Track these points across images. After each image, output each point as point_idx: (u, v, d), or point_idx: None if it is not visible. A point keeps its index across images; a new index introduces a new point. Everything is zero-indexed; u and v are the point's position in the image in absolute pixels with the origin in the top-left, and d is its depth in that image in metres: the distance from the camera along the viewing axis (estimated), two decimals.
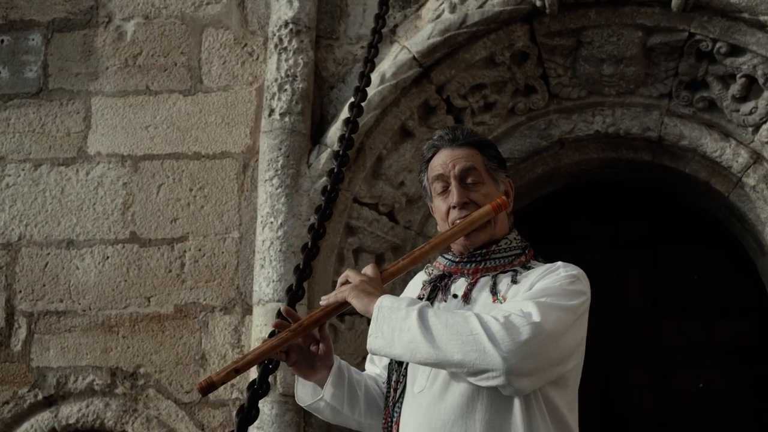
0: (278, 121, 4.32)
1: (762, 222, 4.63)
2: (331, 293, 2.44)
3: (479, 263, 2.51)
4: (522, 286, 2.41)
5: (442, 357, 2.19)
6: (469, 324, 2.19)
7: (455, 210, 2.53)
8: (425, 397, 2.35)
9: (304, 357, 2.52)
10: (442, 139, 2.65)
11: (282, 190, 4.24)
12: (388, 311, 2.28)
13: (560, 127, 4.78)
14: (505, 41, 4.48)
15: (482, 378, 2.18)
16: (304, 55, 4.42)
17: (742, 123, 4.56)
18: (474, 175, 2.56)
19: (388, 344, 2.26)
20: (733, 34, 4.36)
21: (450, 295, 2.50)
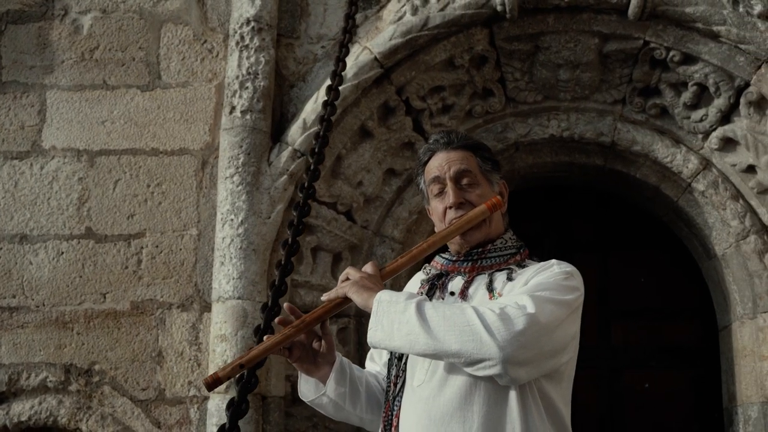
0: (239, 118, 4.38)
1: (709, 226, 4.82)
2: (332, 290, 2.52)
3: (475, 262, 2.62)
4: (517, 283, 2.51)
5: (440, 347, 2.28)
6: (465, 315, 2.28)
7: (452, 210, 2.63)
8: (424, 390, 2.44)
9: (307, 353, 2.60)
10: (438, 143, 2.75)
11: (243, 187, 4.30)
12: (387, 305, 2.36)
13: (516, 131, 4.91)
14: (465, 44, 4.60)
15: (479, 367, 2.27)
16: (266, 53, 4.48)
17: (693, 130, 4.74)
18: (469, 176, 2.66)
19: (388, 337, 2.34)
20: (686, 43, 4.52)
21: (447, 292, 2.60)
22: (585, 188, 5.54)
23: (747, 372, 4.61)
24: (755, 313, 4.61)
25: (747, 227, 4.68)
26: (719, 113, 4.64)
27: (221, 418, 4.07)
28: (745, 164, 4.66)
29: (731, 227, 4.72)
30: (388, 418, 2.52)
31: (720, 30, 4.41)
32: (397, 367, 2.57)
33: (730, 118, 4.66)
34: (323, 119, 2.97)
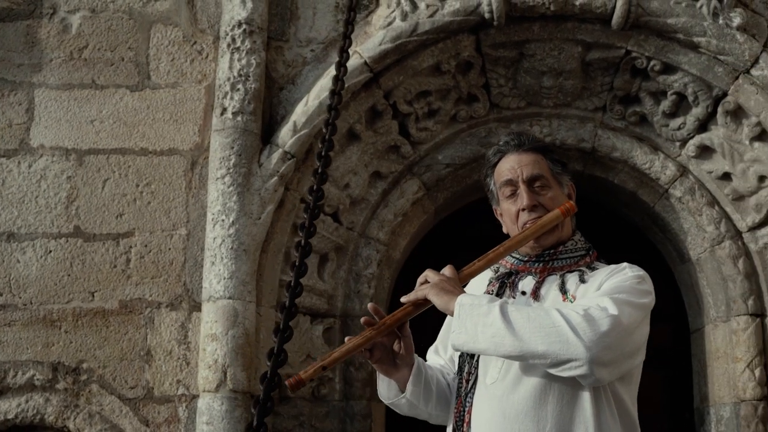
0: (231, 120, 4.43)
1: (685, 231, 4.96)
2: (411, 293, 2.58)
3: (547, 263, 2.70)
4: (591, 286, 2.59)
5: (526, 349, 2.34)
6: (550, 317, 2.36)
7: (525, 213, 2.70)
8: (498, 388, 2.51)
9: (387, 355, 2.65)
10: (508, 145, 2.82)
11: (234, 188, 4.35)
12: (470, 308, 2.42)
13: (499, 136, 4.96)
14: (452, 50, 4.69)
15: (565, 368, 2.34)
16: (257, 55, 4.54)
17: (671, 137, 4.88)
18: (541, 180, 2.73)
19: (472, 339, 2.40)
20: (667, 53, 4.66)
21: (518, 291, 2.67)
22: None
23: (720, 373, 4.76)
24: (729, 317, 4.76)
25: (722, 233, 4.83)
26: (697, 122, 4.78)
27: (212, 416, 4.14)
28: (721, 171, 4.81)
29: (707, 233, 4.86)
30: (460, 414, 2.58)
31: (700, 41, 4.54)
32: (469, 364, 2.61)
33: (707, 127, 4.81)
34: (327, 123, 3.04)
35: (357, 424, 4.63)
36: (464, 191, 5.22)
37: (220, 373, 4.15)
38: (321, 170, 2.81)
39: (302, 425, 4.47)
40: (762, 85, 4.53)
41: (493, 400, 2.50)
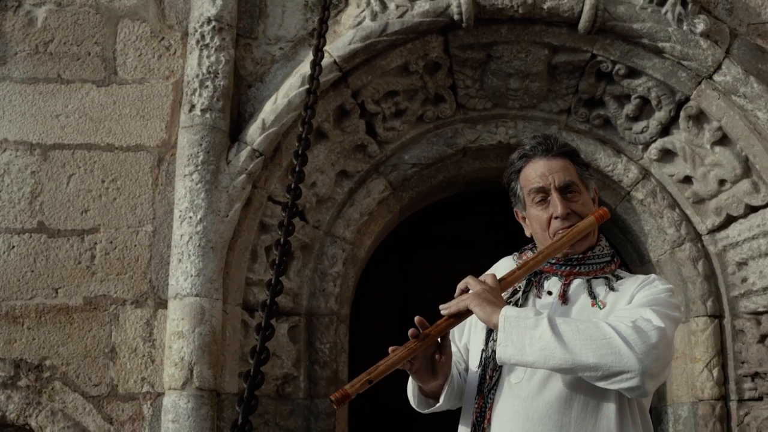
0: (199, 117, 4.42)
1: (645, 233, 5.05)
2: (452, 302, 2.56)
3: (574, 267, 2.71)
4: (621, 295, 2.62)
5: (577, 361, 2.36)
6: (600, 329, 2.38)
7: (557, 221, 2.70)
8: (523, 388, 2.53)
9: (426, 364, 2.62)
10: (536, 150, 2.80)
11: (202, 185, 4.34)
12: (515, 320, 2.42)
13: (465, 136, 5.06)
14: (421, 51, 4.72)
15: (616, 380, 2.36)
16: (226, 52, 4.53)
17: (634, 141, 4.96)
18: (573, 186, 2.73)
19: (520, 352, 2.40)
20: (632, 58, 4.73)
21: (544, 291, 2.69)
22: None
23: (678, 373, 4.84)
24: (688, 317, 4.84)
25: (682, 235, 4.92)
26: (659, 125, 4.87)
27: (177, 414, 4.13)
28: (683, 175, 4.90)
29: (667, 235, 4.95)
30: (482, 411, 2.59)
31: (665, 46, 4.62)
32: (493, 361, 2.60)
33: (670, 131, 4.89)
34: (304, 122, 3.04)
35: (321, 422, 4.65)
36: (429, 191, 5.26)
37: (187, 371, 4.14)
38: (298, 169, 2.83)
39: (267, 423, 4.48)
40: (724, 90, 4.62)
41: (517, 400, 2.52)
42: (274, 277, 2.40)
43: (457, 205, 5.75)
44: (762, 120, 4.55)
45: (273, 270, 2.44)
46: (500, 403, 2.56)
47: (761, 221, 4.69)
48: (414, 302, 5.74)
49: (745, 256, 4.76)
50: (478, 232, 5.88)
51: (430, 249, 5.85)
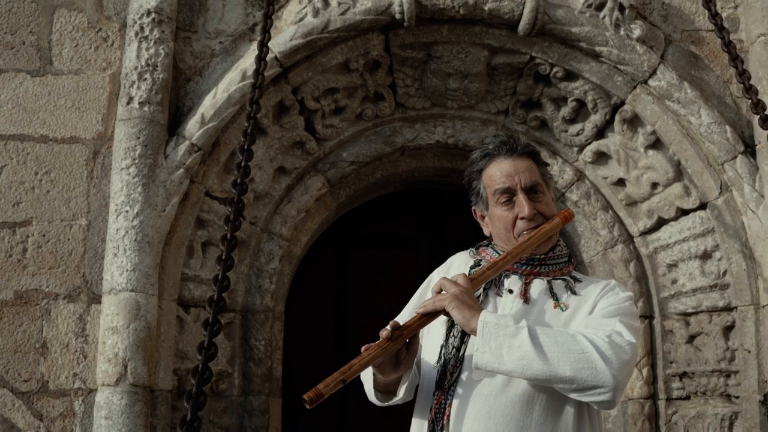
0: (137, 109, 4.37)
1: (579, 234, 5.13)
2: (428, 301, 2.54)
3: (535, 267, 2.72)
4: (584, 300, 2.65)
5: (554, 374, 2.38)
6: (578, 343, 2.40)
7: (523, 221, 2.70)
8: (485, 386, 2.52)
9: (390, 359, 2.57)
10: (500, 149, 2.78)
11: (139, 179, 4.29)
12: (495, 327, 2.43)
13: (404, 135, 5.09)
14: (361, 49, 4.74)
15: (589, 393, 2.38)
16: (165, 45, 4.49)
17: (569, 143, 5.03)
18: (538, 187, 2.74)
19: (497, 359, 2.41)
20: (569, 61, 4.80)
21: (504, 289, 2.69)
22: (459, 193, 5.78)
23: None
24: None
25: (615, 237, 5.01)
26: (595, 128, 4.95)
27: (110, 410, 4.09)
28: (616, 177, 5.00)
29: (600, 236, 5.04)
30: (441, 407, 2.57)
31: (602, 50, 4.70)
32: (454, 357, 2.60)
33: (605, 134, 4.98)
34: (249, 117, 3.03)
35: (255, 419, 4.64)
36: (366, 189, 5.29)
37: (121, 367, 4.10)
38: (244, 164, 2.82)
39: (200, 420, 4.44)
40: (658, 95, 4.71)
41: (479, 398, 2.52)
42: (221, 272, 2.40)
43: (392, 204, 5.78)
44: (694, 125, 4.65)
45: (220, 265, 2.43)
46: (461, 399, 2.55)
47: (692, 224, 4.80)
48: (348, 299, 5.77)
49: (675, 258, 4.87)
50: (413, 231, 5.93)
51: (364, 247, 5.88)
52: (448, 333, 2.66)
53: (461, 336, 2.62)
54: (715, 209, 4.70)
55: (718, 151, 4.64)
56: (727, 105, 4.80)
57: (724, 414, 4.61)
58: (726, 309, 4.67)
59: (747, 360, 4.54)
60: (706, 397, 4.70)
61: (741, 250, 4.61)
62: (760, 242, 4.52)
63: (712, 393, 4.68)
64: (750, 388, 4.51)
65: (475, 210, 2.90)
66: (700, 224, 4.78)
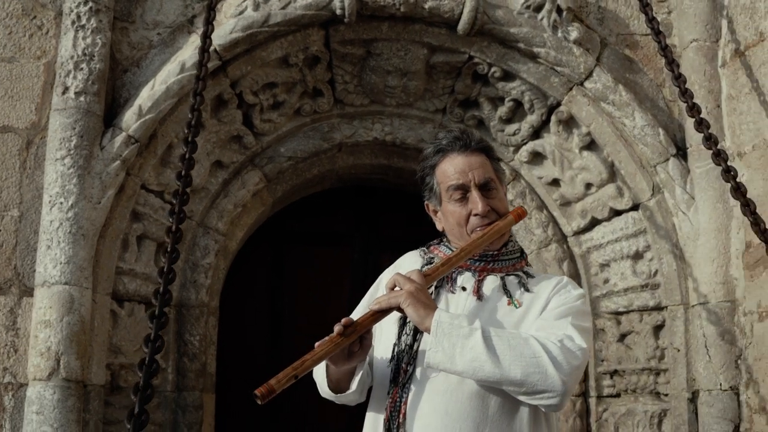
0: (73, 100, 4.30)
1: (513, 233, 5.11)
2: (382, 297, 2.54)
3: (488, 263, 2.74)
4: (537, 297, 2.67)
5: (504, 376, 2.40)
6: (531, 347, 2.42)
7: (477, 218, 2.71)
8: (441, 383, 2.53)
9: (342, 352, 2.57)
10: (453, 145, 2.79)
11: (74, 170, 4.23)
12: (449, 327, 2.44)
13: (342, 132, 5.11)
14: (301, 44, 4.74)
15: (538, 397, 2.41)
16: (102, 35, 4.43)
17: (506, 143, 5.10)
18: (491, 183, 2.76)
19: (449, 359, 2.42)
20: (507, 61, 4.86)
21: (457, 287, 2.70)
22: (395, 191, 5.83)
23: None
24: None
25: (549, 236, 5.10)
26: (531, 129, 5.03)
27: (42, 405, 4.03)
28: (551, 178, 5.08)
29: (534, 235, 5.11)
30: (396, 405, 2.57)
31: (540, 51, 4.77)
32: (408, 355, 2.61)
33: (541, 134, 5.06)
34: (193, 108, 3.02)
35: (189, 415, 4.61)
36: (303, 185, 5.29)
37: (53, 361, 4.03)
38: (188, 156, 2.80)
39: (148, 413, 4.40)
40: (594, 97, 4.80)
41: (435, 395, 2.53)
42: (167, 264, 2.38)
43: (328, 200, 5.79)
44: (628, 127, 4.75)
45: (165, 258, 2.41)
46: (416, 396, 2.57)
47: (624, 225, 4.90)
48: (283, 295, 5.76)
49: (607, 258, 4.97)
50: (348, 227, 5.95)
51: (299, 243, 5.88)
52: (400, 330, 2.68)
53: (414, 333, 2.63)
54: (647, 210, 4.81)
55: (651, 154, 4.75)
56: (660, 108, 4.91)
57: (654, 411, 4.73)
58: (656, 308, 4.79)
59: (676, 358, 4.65)
60: (636, 395, 4.81)
61: (672, 250, 4.72)
62: (691, 243, 4.64)
63: (642, 391, 4.78)
64: (679, 386, 4.62)
65: (428, 205, 2.91)
66: (633, 225, 4.88)
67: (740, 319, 4.43)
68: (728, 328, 4.45)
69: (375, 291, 2.92)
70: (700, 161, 4.62)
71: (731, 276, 4.50)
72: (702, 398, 4.49)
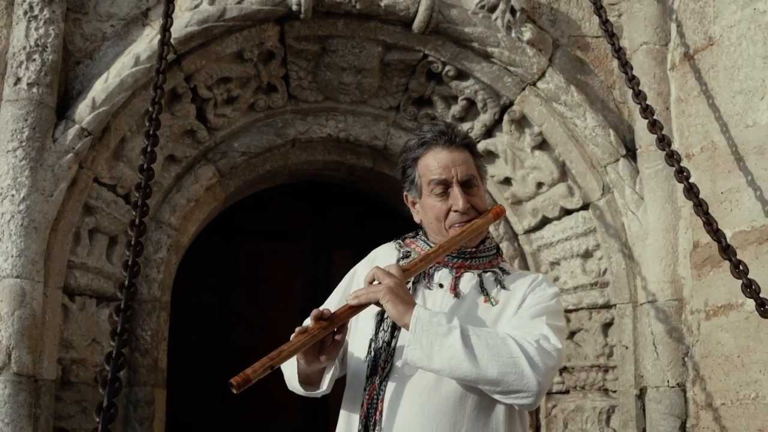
0: (25, 91, 4.25)
1: None
2: (361, 290, 2.52)
3: (466, 260, 2.74)
4: (513, 295, 2.68)
5: (481, 376, 2.41)
6: (508, 346, 2.43)
7: (456, 214, 2.70)
8: (419, 382, 2.54)
9: (314, 348, 2.55)
10: (438, 139, 2.77)
11: (26, 162, 4.18)
12: (428, 324, 2.44)
13: (296, 127, 5.12)
14: (256, 39, 4.74)
15: (513, 396, 2.43)
16: (56, 26, 4.38)
17: None
18: (473, 181, 2.75)
19: (427, 357, 2.43)
20: (461, 60, 4.91)
21: (434, 283, 2.70)
22: (347, 188, 5.86)
23: None
24: None
25: (500, 234, 5.17)
26: (484, 128, 5.09)
27: None
28: (503, 176, 5.15)
29: None
30: (373, 402, 2.57)
31: (493, 51, 4.83)
32: (385, 351, 2.61)
33: (493, 133, 5.13)
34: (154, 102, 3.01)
35: (140, 410, 4.60)
36: (255, 180, 5.30)
37: (4, 356, 3.98)
38: (150, 149, 2.80)
39: (84, 411, 4.37)
40: (546, 97, 4.88)
41: (413, 393, 2.54)
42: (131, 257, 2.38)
43: (279, 196, 5.80)
44: (580, 128, 4.83)
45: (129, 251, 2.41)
46: (393, 394, 2.57)
47: (574, 224, 4.99)
48: (234, 290, 5.76)
49: (558, 257, 5.05)
50: (300, 223, 5.97)
51: (251, 238, 5.88)
52: (377, 326, 2.67)
53: (392, 329, 2.63)
54: (597, 210, 4.89)
55: (601, 154, 4.84)
56: (610, 109, 5.01)
57: (602, 408, 4.82)
58: (605, 306, 4.88)
59: (624, 356, 4.75)
60: (585, 392, 4.90)
61: (621, 249, 4.81)
62: (639, 243, 4.74)
63: (590, 387, 4.87)
64: (627, 383, 4.72)
65: (407, 196, 2.89)
66: (583, 224, 4.97)
67: (687, 317, 4.54)
68: (676, 326, 4.55)
69: (350, 282, 2.91)
70: (650, 162, 4.72)
71: (679, 275, 4.61)
72: (650, 395, 4.60)
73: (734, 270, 3.58)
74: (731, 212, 4.22)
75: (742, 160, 4.19)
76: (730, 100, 4.32)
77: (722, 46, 4.41)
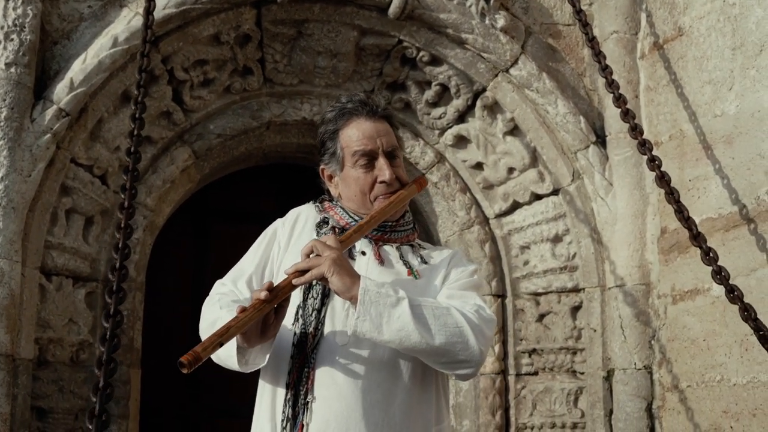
0: (3, 71, 4.26)
1: (436, 215, 5.37)
2: (302, 264, 2.47)
3: (385, 233, 2.75)
4: (435, 269, 2.71)
5: (430, 346, 2.42)
6: (453, 317, 2.47)
7: (383, 185, 2.69)
8: (351, 351, 2.53)
9: (256, 324, 2.48)
10: (360, 109, 2.75)
11: (4, 143, 4.20)
12: (376, 296, 2.43)
13: (271, 110, 5.18)
14: (233, 22, 4.79)
15: (456, 366, 2.48)
16: (33, 6, 4.39)
17: (431, 126, 5.25)
18: (396, 152, 2.76)
19: (377, 328, 2.41)
20: (435, 46, 5.00)
21: (356, 251, 2.69)
22: None
23: None
24: None
25: (472, 218, 5.26)
26: (457, 113, 5.18)
27: None
28: (475, 161, 5.25)
29: (458, 217, 5.27)
30: (304, 371, 2.53)
31: (467, 38, 4.92)
32: (316, 319, 2.58)
33: (466, 119, 5.22)
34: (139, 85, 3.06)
35: (116, 390, 4.56)
36: (230, 162, 5.35)
37: None
38: (136, 132, 2.86)
39: (62, 390, 4.43)
40: (518, 84, 4.98)
41: (346, 363, 2.52)
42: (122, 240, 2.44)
43: (252, 178, 5.86)
44: (551, 114, 4.94)
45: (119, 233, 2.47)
46: (324, 365, 2.54)
47: (544, 209, 5.10)
48: (206, 271, 5.81)
49: (528, 241, 5.16)
50: (272, 205, 6.02)
51: (224, 220, 5.93)
52: (306, 294, 2.64)
53: (321, 298, 2.61)
54: (567, 195, 5.01)
55: (572, 140, 4.95)
56: (580, 97, 5.11)
57: (570, 389, 4.95)
58: (574, 290, 5.01)
59: (593, 339, 4.88)
60: (553, 373, 5.03)
61: (590, 234, 4.94)
62: (608, 228, 4.86)
63: (559, 369, 5.00)
64: (594, 365, 4.85)
65: (324, 169, 2.86)
66: (553, 209, 5.08)
67: (654, 301, 4.67)
68: (643, 310, 4.68)
69: (271, 240, 2.95)
70: (619, 149, 4.84)
71: (646, 260, 4.74)
72: (617, 377, 4.74)
73: (704, 257, 3.69)
74: (699, 199, 4.35)
75: (710, 149, 4.31)
76: (699, 89, 4.44)
77: (692, 36, 4.53)
